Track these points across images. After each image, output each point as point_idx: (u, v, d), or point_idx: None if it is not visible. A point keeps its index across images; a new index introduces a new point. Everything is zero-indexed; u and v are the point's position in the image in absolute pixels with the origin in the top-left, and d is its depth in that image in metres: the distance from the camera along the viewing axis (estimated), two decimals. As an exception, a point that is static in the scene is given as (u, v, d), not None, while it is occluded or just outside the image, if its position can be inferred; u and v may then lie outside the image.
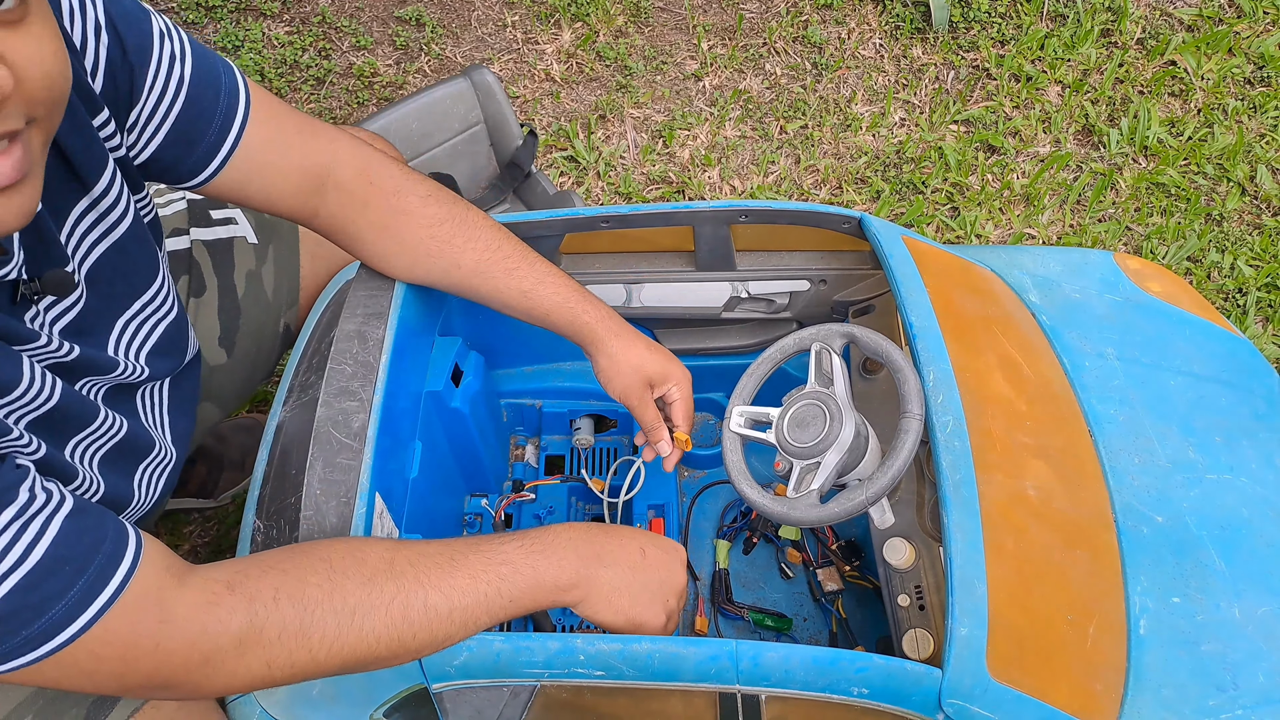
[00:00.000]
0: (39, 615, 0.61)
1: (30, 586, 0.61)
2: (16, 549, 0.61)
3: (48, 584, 0.61)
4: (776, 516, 0.87)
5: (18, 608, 0.60)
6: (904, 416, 0.86)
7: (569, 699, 0.84)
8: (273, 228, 1.13)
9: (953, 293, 1.02)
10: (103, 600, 0.63)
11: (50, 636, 0.62)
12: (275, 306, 1.13)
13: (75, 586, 0.62)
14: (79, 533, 0.64)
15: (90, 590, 0.63)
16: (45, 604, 0.61)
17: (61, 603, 0.62)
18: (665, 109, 1.95)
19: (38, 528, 0.62)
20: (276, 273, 1.13)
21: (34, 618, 0.61)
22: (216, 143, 0.82)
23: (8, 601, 0.60)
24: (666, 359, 1.02)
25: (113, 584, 0.64)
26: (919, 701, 0.79)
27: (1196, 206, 1.80)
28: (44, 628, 0.62)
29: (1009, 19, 2.06)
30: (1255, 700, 0.86)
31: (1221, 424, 1.05)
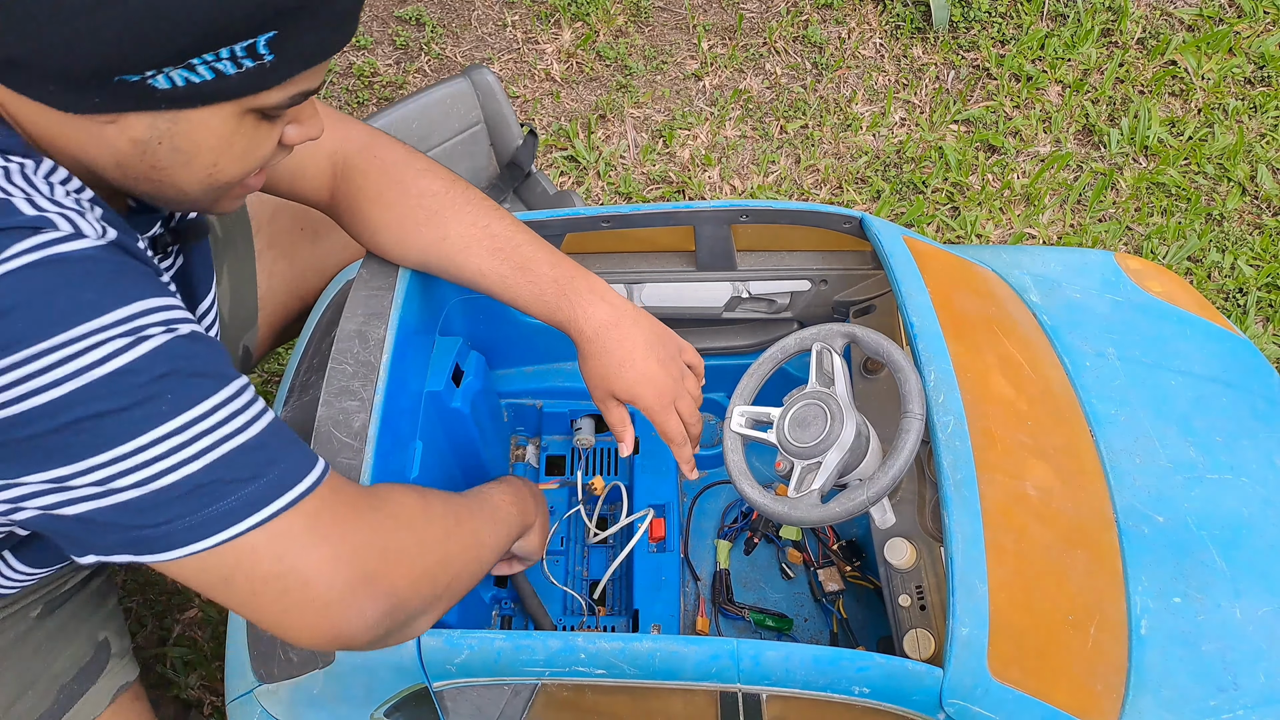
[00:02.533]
0: (283, 455, 0.64)
1: (274, 430, 0.65)
2: (259, 400, 0.65)
3: (283, 433, 0.66)
4: (777, 516, 0.87)
5: (265, 442, 0.64)
6: (905, 416, 0.86)
7: (570, 697, 0.84)
8: (227, 245, 1.10)
9: (953, 293, 1.02)
10: (311, 478, 0.66)
11: (283, 487, 0.64)
12: (232, 329, 1.10)
13: (298, 446, 0.66)
14: (281, 426, 0.67)
15: (307, 456, 0.66)
16: (285, 449, 0.65)
17: (294, 451, 0.66)
18: (665, 109, 1.95)
19: (260, 405, 0.65)
20: (232, 294, 1.10)
21: (278, 457, 0.64)
22: None
23: (262, 436, 0.63)
24: (639, 379, 0.93)
25: (310, 478, 0.66)
26: (920, 701, 0.79)
27: (1197, 206, 1.80)
28: (277, 478, 0.63)
29: (1009, 19, 2.06)
30: (1256, 700, 0.86)
31: (1222, 424, 1.05)
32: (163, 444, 0.59)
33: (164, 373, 0.59)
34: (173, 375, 0.59)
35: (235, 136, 0.64)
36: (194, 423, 0.60)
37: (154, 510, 0.60)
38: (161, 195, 0.67)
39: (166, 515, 0.60)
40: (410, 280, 0.97)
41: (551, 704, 0.85)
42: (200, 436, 0.60)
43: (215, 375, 0.62)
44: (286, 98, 0.64)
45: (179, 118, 0.61)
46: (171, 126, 0.62)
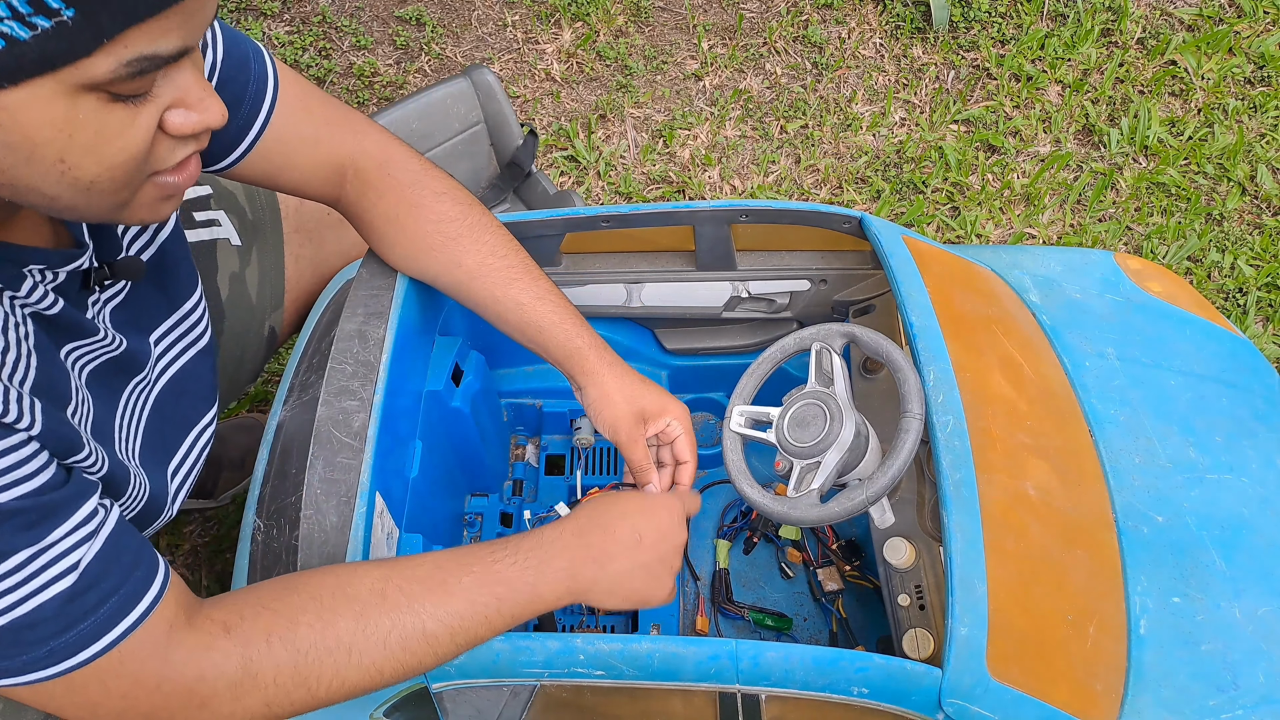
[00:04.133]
0: (70, 627, 0.63)
1: (71, 597, 0.62)
2: (72, 557, 0.62)
3: (85, 598, 0.63)
4: (777, 516, 0.87)
5: (54, 614, 0.62)
6: (904, 416, 0.86)
7: (569, 699, 0.84)
8: (256, 230, 1.12)
9: (953, 293, 1.02)
10: (129, 620, 0.65)
11: (75, 651, 0.63)
12: (259, 309, 1.12)
13: (107, 604, 0.64)
14: (120, 551, 0.66)
15: (120, 609, 0.65)
16: (79, 617, 0.63)
17: (92, 619, 0.63)
18: (665, 109, 1.95)
19: (90, 542, 0.64)
20: (260, 276, 1.12)
21: (65, 629, 0.62)
22: (244, 126, 0.84)
23: (47, 608, 0.61)
24: (662, 393, 0.98)
25: (141, 605, 0.66)
26: (919, 701, 0.79)
27: (1197, 206, 1.80)
28: (72, 640, 0.63)
29: (1009, 19, 2.06)
30: (1256, 700, 0.86)
31: (1222, 424, 1.05)
32: None
33: None
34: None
35: (74, 124, 0.53)
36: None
37: None
38: (31, 203, 0.59)
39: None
40: (411, 280, 0.97)
41: (550, 705, 0.85)
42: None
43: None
44: (121, 65, 0.52)
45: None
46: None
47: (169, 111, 0.58)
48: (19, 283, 0.66)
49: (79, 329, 0.72)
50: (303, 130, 0.88)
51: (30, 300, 0.67)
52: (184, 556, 1.44)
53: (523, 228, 1.08)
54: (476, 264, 0.93)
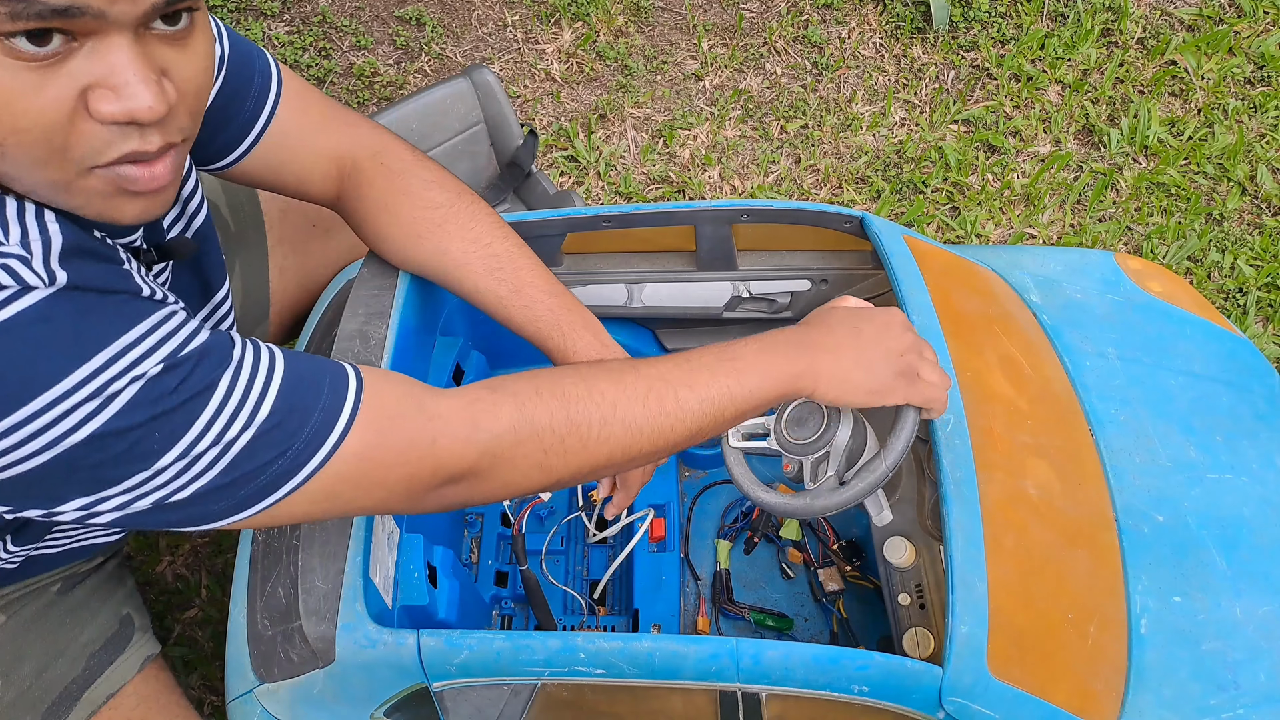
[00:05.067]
0: (320, 392, 0.64)
1: (291, 389, 0.64)
2: (264, 362, 0.64)
3: (301, 386, 0.64)
4: (801, 512, 0.86)
5: (305, 377, 0.64)
6: None
7: (570, 697, 0.84)
8: (240, 242, 1.11)
9: (954, 293, 1.02)
10: (351, 392, 0.66)
11: (334, 419, 0.64)
12: (244, 324, 1.11)
13: (322, 386, 0.65)
14: (297, 355, 0.68)
15: (337, 390, 0.66)
16: (309, 406, 0.64)
17: (321, 397, 0.65)
18: (665, 109, 1.96)
19: (270, 353, 0.65)
20: (244, 289, 1.11)
21: (317, 397, 0.64)
22: (249, 121, 0.85)
23: (278, 405, 0.63)
24: None
25: (352, 381, 0.67)
26: (920, 699, 0.79)
27: (1197, 206, 1.80)
28: (331, 402, 0.64)
29: (1009, 19, 2.06)
30: (1256, 699, 0.87)
31: (1222, 423, 1.05)
32: (167, 472, 0.60)
33: (140, 422, 0.58)
34: (151, 422, 0.58)
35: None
36: (196, 440, 0.60)
37: (218, 492, 0.62)
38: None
39: (207, 503, 0.62)
40: (411, 280, 0.97)
41: (551, 704, 0.85)
42: (213, 445, 0.60)
43: (201, 391, 0.60)
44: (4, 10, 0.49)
45: None
46: None
47: (93, 91, 0.54)
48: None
49: None
50: (304, 125, 0.89)
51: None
52: (184, 556, 1.44)
53: (523, 228, 1.08)
54: (461, 251, 0.92)
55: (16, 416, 0.54)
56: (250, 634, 0.87)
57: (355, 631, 0.80)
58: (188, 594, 1.41)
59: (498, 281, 0.92)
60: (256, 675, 0.85)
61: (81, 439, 0.56)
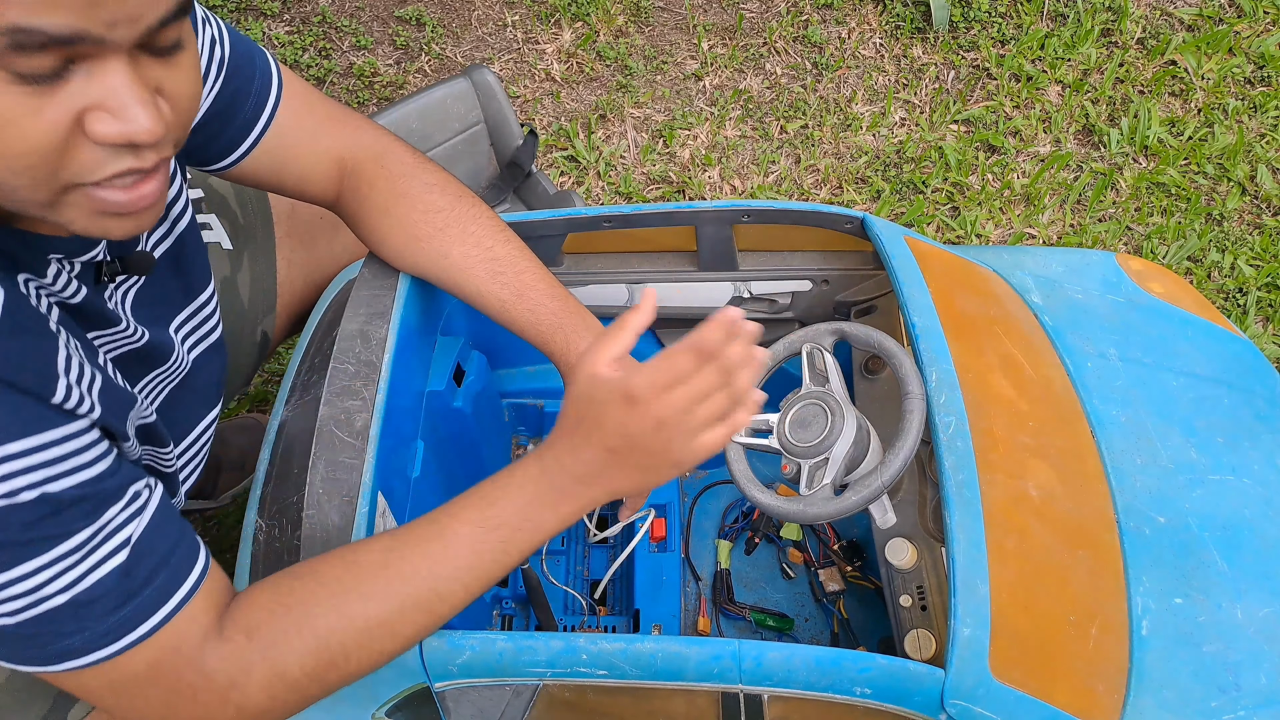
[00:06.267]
0: (127, 601, 0.64)
1: (126, 571, 0.64)
2: (124, 532, 0.64)
3: (138, 570, 0.64)
4: (794, 517, 0.86)
5: (113, 588, 0.63)
6: (906, 398, 0.86)
7: (571, 698, 0.84)
8: (248, 234, 1.11)
9: (955, 293, 1.02)
10: (183, 591, 0.67)
11: (134, 625, 0.64)
12: (251, 313, 1.11)
13: (159, 576, 0.66)
14: (166, 525, 0.67)
15: (171, 581, 0.66)
16: (135, 590, 0.64)
17: (147, 591, 0.65)
18: (665, 109, 1.95)
19: (140, 518, 0.65)
20: (252, 280, 1.11)
21: (123, 603, 0.64)
22: (250, 121, 0.85)
23: (107, 581, 0.63)
24: None
25: (192, 576, 0.68)
26: (921, 702, 0.79)
27: (1197, 206, 1.80)
28: (130, 614, 0.64)
29: (1009, 19, 2.06)
30: (1257, 701, 0.87)
31: (1223, 424, 1.05)
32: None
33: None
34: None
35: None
36: (6, 585, 0.59)
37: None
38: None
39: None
40: (412, 280, 0.97)
41: (553, 704, 0.85)
42: (12, 599, 0.60)
43: (52, 537, 0.60)
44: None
45: None
46: None
47: (91, 114, 0.53)
48: (44, 269, 0.65)
49: (102, 318, 0.72)
50: (304, 126, 0.89)
51: (55, 289, 0.67)
52: (184, 556, 1.44)
53: (524, 228, 1.08)
54: (462, 255, 0.92)
55: None
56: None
57: (357, 633, 0.79)
58: (188, 594, 1.41)
59: (500, 285, 0.92)
60: (257, 676, 0.85)
61: None
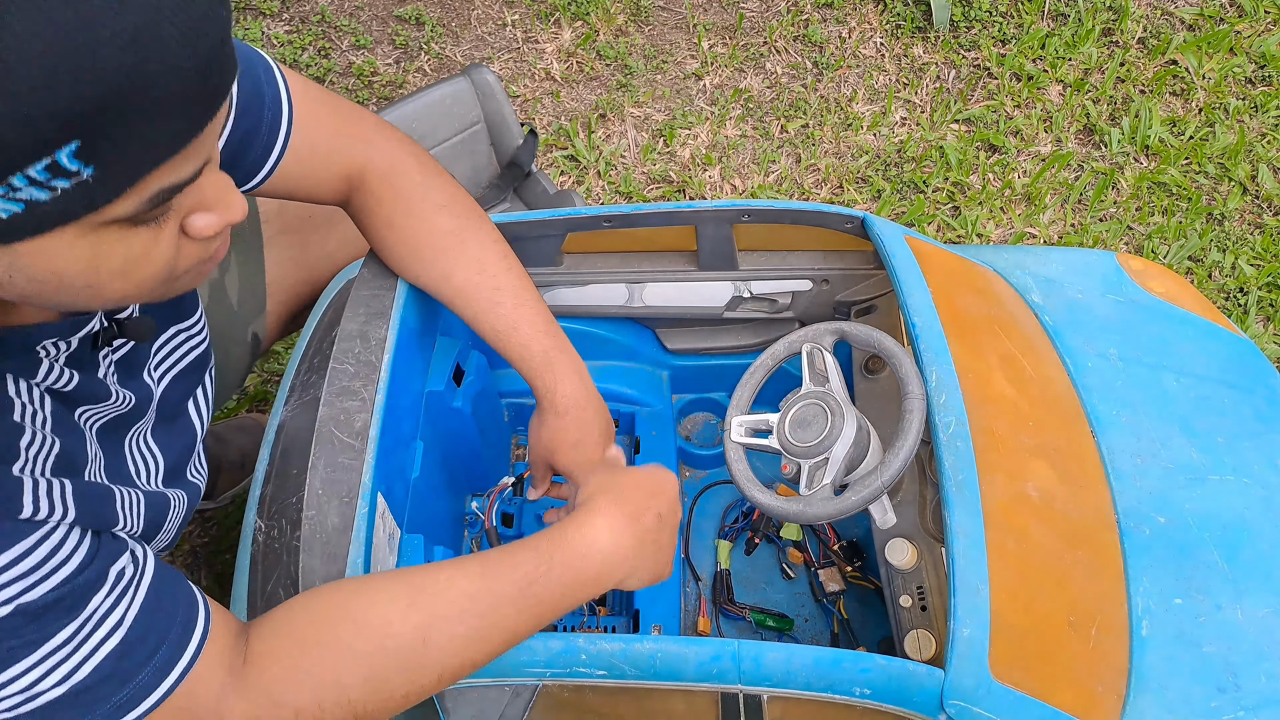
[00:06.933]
0: (128, 681, 0.64)
1: (122, 654, 0.64)
2: (114, 616, 0.63)
3: (137, 651, 0.64)
4: (793, 517, 0.86)
5: (110, 673, 0.63)
6: (906, 398, 0.86)
7: (571, 698, 0.84)
8: (236, 235, 1.10)
9: (955, 293, 1.02)
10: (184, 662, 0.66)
11: (137, 703, 0.64)
12: (241, 315, 1.10)
13: (159, 653, 0.65)
14: (161, 599, 0.67)
15: (173, 655, 0.66)
16: (134, 670, 0.64)
17: (147, 669, 0.65)
18: (666, 108, 1.95)
19: (130, 595, 0.65)
20: (241, 281, 1.10)
21: (123, 684, 0.64)
22: (260, 159, 0.84)
23: (103, 668, 0.63)
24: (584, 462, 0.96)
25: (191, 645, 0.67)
26: (921, 702, 0.79)
27: (1198, 206, 1.80)
28: (132, 694, 0.64)
29: (1010, 18, 2.06)
30: (1257, 702, 0.86)
31: (1223, 424, 1.05)
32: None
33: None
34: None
35: (102, 255, 0.53)
36: (8, 682, 0.59)
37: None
38: (71, 310, 0.60)
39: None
40: (411, 280, 0.97)
41: (552, 705, 0.85)
42: (5, 699, 0.59)
43: (31, 642, 0.60)
44: (144, 202, 0.52)
45: (15, 251, 0.50)
46: (13, 260, 0.51)
47: (192, 216, 0.57)
48: (36, 368, 0.66)
49: (93, 396, 0.72)
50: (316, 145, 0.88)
51: (46, 381, 0.67)
52: (184, 557, 1.44)
53: (524, 228, 1.08)
54: (464, 280, 0.93)
55: None
56: (250, 635, 0.87)
57: (356, 633, 0.79)
58: (187, 594, 1.41)
59: (497, 316, 0.93)
60: (257, 676, 0.85)
61: None
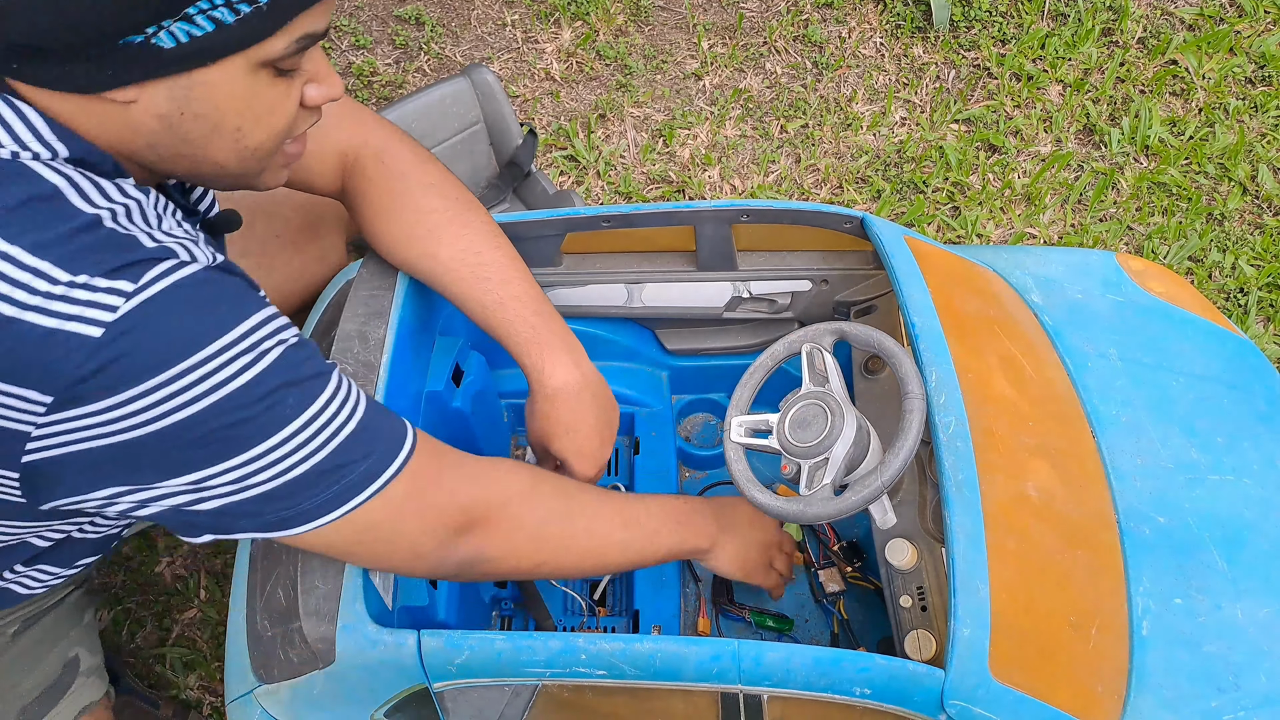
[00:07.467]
0: (375, 444, 0.72)
1: (374, 406, 0.74)
2: (355, 393, 0.73)
3: (377, 423, 0.73)
4: (793, 517, 0.86)
5: (362, 432, 0.71)
6: (906, 398, 0.85)
7: (570, 698, 0.84)
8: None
9: (955, 293, 1.02)
10: (408, 444, 0.75)
11: (391, 457, 0.73)
12: None
13: (388, 428, 0.75)
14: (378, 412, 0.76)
15: (399, 433, 0.75)
16: (377, 436, 0.73)
17: (386, 438, 0.74)
18: (665, 108, 1.95)
19: (357, 390, 0.74)
20: None
21: (372, 447, 0.72)
22: None
23: (365, 422, 0.72)
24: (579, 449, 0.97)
25: (410, 433, 0.76)
26: (921, 702, 0.79)
27: (1198, 206, 1.80)
28: (383, 452, 0.73)
29: (1010, 18, 2.06)
30: (1257, 701, 0.86)
31: (1223, 424, 1.05)
32: (290, 442, 0.67)
33: (282, 383, 0.66)
34: (289, 385, 0.66)
35: (253, 96, 0.65)
36: (312, 420, 0.68)
37: (286, 498, 0.68)
38: (200, 173, 0.70)
39: (297, 500, 0.69)
40: (411, 280, 0.97)
41: (552, 705, 0.85)
42: (320, 431, 0.68)
43: (321, 374, 0.69)
44: (292, 42, 0.64)
45: (193, 81, 0.62)
46: (188, 93, 0.62)
47: (306, 86, 0.69)
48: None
49: None
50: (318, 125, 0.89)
51: None
52: (183, 557, 1.44)
53: (523, 228, 1.08)
54: (449, 257, 0.93)
55: (190, 360, 0.61)
56: (250, 635, 0.87)
57: (355, 632, 0.79)
58: (187, 594, 1.41)
59: (483, 292, 0.93)
60: (256, 676, 0.85)
61: (237, 387, 0.63)
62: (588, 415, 0.96)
